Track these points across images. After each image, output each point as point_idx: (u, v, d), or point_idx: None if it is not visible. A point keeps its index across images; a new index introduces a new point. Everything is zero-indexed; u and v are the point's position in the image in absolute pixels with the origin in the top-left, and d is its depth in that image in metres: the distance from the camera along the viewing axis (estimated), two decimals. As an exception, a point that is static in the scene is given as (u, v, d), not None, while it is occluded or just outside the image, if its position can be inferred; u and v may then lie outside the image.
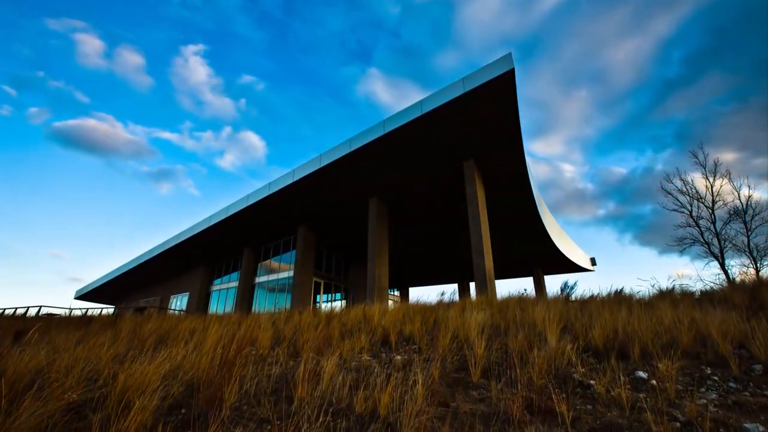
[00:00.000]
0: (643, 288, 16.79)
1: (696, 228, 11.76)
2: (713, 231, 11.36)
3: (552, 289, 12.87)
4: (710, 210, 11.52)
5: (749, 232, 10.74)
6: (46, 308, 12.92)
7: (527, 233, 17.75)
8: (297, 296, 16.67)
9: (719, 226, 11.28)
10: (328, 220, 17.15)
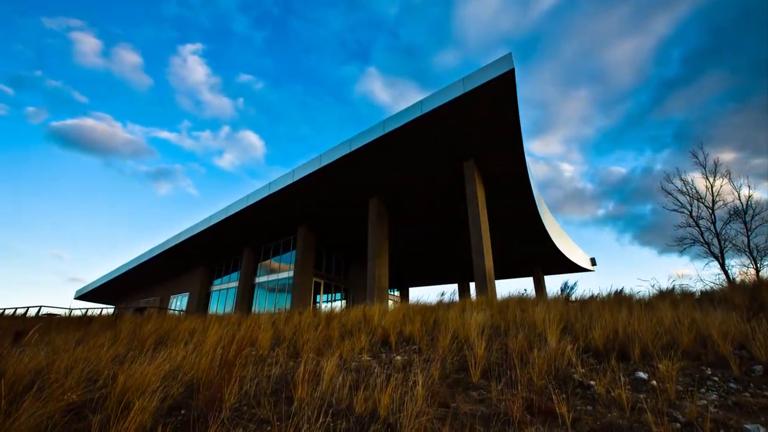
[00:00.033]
0: (643, 288, 16.83)
1: (696, 228, 11.77)
2: (713, 231, 11.36)
3: (552, 290, 12.87)
4: (710, 210, 11.53)
5: (749, 232, 10.75)
6: (46, 308, 12.93)
7: (527, 233, 17.75)
8: (297, 296, 16.67)
9: (719, 226, 11.30)
10: (328, 220, 17.16)
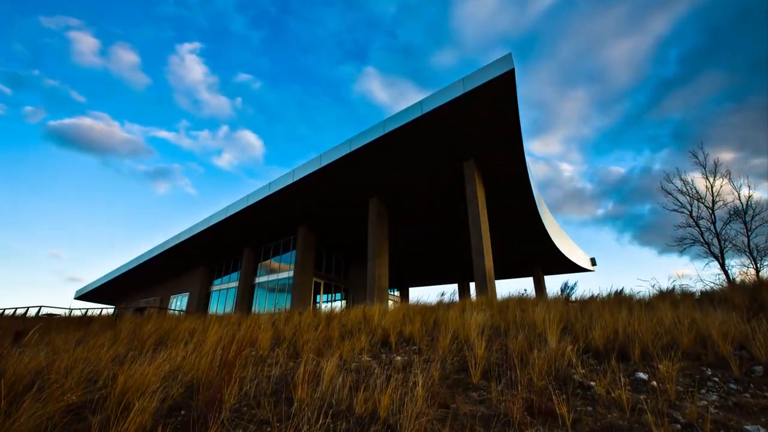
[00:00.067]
0: (643, 288, 16.82)
1: (696, 228, 11.77)
2: (713, 231, 11.36)
3: (552, 290, 12.86)
4: (710, 210, 11.53)
5: (749, 233, 10.75)
6: (46, 308, 12.92)
7: (527, 233, 17.75)
8: (297, 296, 16.67)
9: (719, 226, 11.29)
10: (328, 220, 17.16)
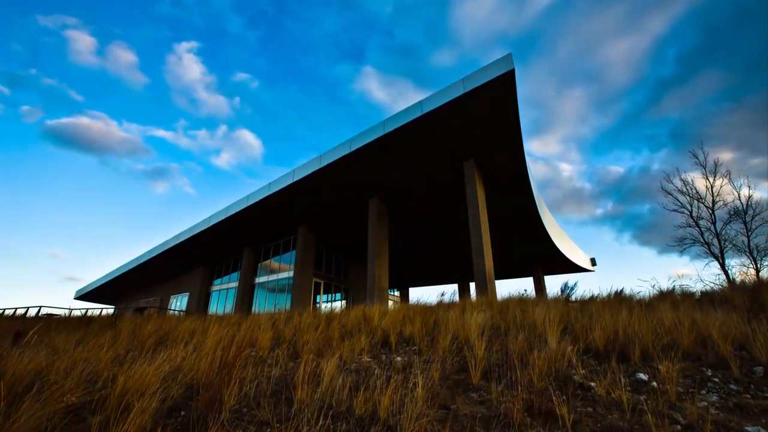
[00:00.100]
0: (644, 288, 16.81)
1: (696, 228, 11.77)
2: (713, 231, 11.36)
3: (552, 290, 12.86)
4: (710, 210, 11.53)
5: (749, 233, 10.75)
6: (46, 308, 12.91)
7: (527, 233, 17.75)
8: (297, 297, 16.66)
9: (719, 227, 11.29)
10: (328, 221, 17.15)
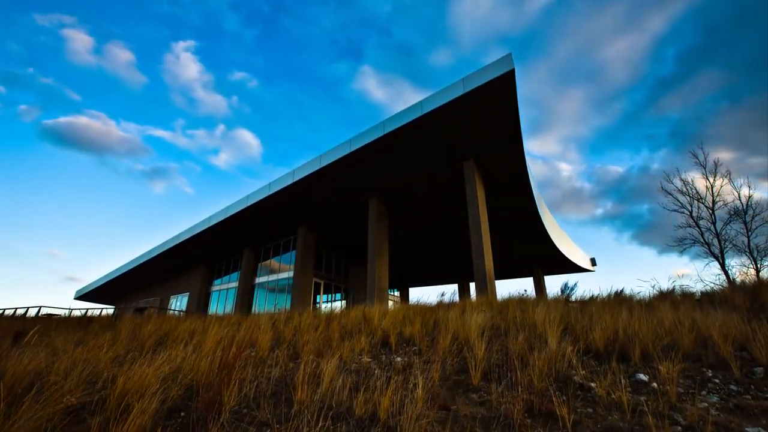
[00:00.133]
0: (644, 289, 16.81)
1: (696, 228, 11.77)
2: (713, 231, 11.36)
3: (552, 290, 12.86)
4: (710, 210, 11.53)
5: (749, 233, 10.75)
6: (46, 309, 12.90)
7: (527, 233, 17.74)
8: (297, 297, 16.66)
9: (719, 227, 11.29)
10: (328, 221, 17.15)
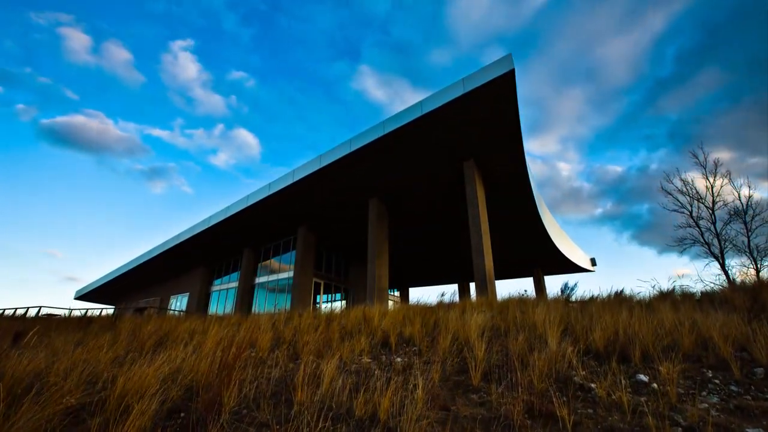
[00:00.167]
0: (644, 289, 16.79)
1: (696, 228, 11.77)
2: (713, 231, 11.36)
3: (552, 290, 12.86)
4: (710, 210, 11.53)
5: (749, 233, 10.75)
6: (46, 309, 12.91)
7: (527, 233, 17.74)
8: (297, 297, 16.66)
9: (719, 227, 11.29)
10: (328, 221, 17.15)
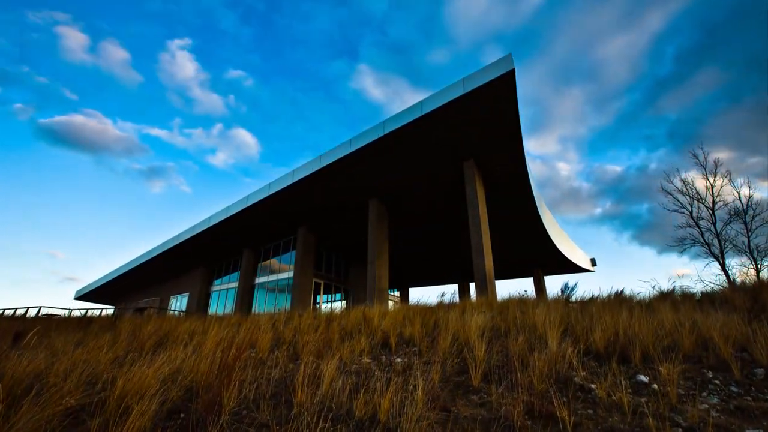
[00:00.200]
0: (644, 289, 16.77)
1: (696, 228, 11.78)
2: (713, 231, 11.37)
3: (552, 290, 12.86)
4: (710, 210, 11.53)
5: (749, 233, 10.76)
6: (46, 309, 12.90)
7: (527, 233, 17.74)
8: (297, 297, 16.66)
9: (719, 227, 11.30)
10: (328, 221, 17.14)
